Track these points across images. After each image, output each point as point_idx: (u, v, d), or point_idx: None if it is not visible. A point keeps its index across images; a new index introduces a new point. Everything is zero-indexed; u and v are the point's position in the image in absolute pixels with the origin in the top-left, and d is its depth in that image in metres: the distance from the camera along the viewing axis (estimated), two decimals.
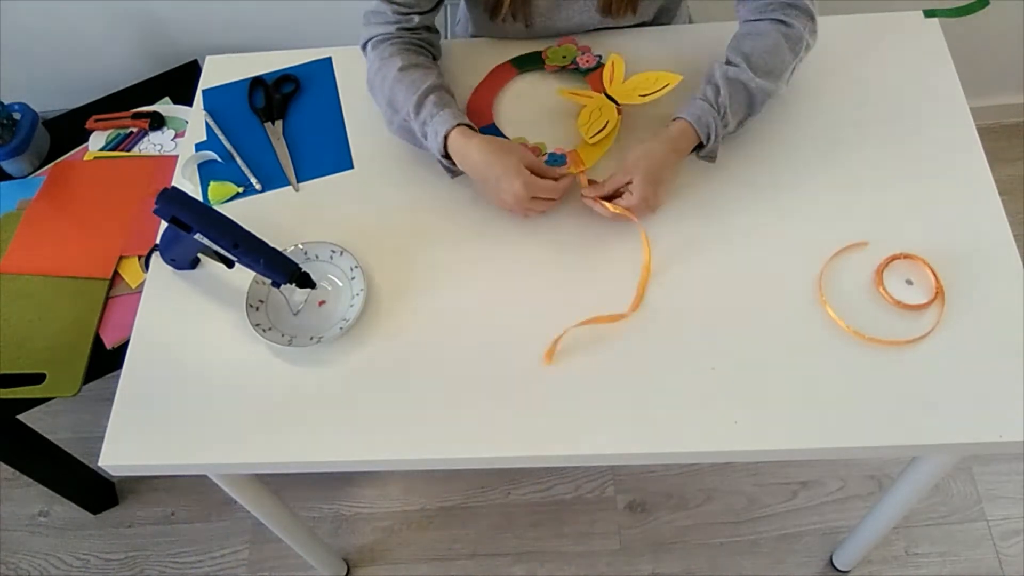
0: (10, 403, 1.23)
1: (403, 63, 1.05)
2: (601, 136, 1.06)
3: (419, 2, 1.08)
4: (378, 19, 1.09)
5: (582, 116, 1.10)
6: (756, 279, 0.97)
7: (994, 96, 1.88)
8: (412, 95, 1.03)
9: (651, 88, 1.09)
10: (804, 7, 1.02)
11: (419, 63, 1.07)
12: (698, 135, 0.99)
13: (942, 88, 1.10)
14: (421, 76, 1.05)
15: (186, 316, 1.03)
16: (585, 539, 1.56)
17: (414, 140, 1.06)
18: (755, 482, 1.59)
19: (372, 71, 1.09)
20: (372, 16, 1.10)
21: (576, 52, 1.17)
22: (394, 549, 1.59)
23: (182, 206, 0.95)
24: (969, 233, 0.98)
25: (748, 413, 0.88)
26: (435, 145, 1.01)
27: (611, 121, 1.08)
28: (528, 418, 0.90)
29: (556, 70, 1.17)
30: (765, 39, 1.01)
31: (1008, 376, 0.88)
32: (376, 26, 1.09)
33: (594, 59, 1.15)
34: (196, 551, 1.62)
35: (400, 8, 1.07)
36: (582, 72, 1.16)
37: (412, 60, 1.07)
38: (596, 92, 1.12)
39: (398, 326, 0.99)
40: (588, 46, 1.17)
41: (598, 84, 1.13)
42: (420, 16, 1.09)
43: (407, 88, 1.04)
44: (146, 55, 1.66)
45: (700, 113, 0.99)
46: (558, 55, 1.17)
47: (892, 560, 1.48)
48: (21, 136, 1.42)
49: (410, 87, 1.03)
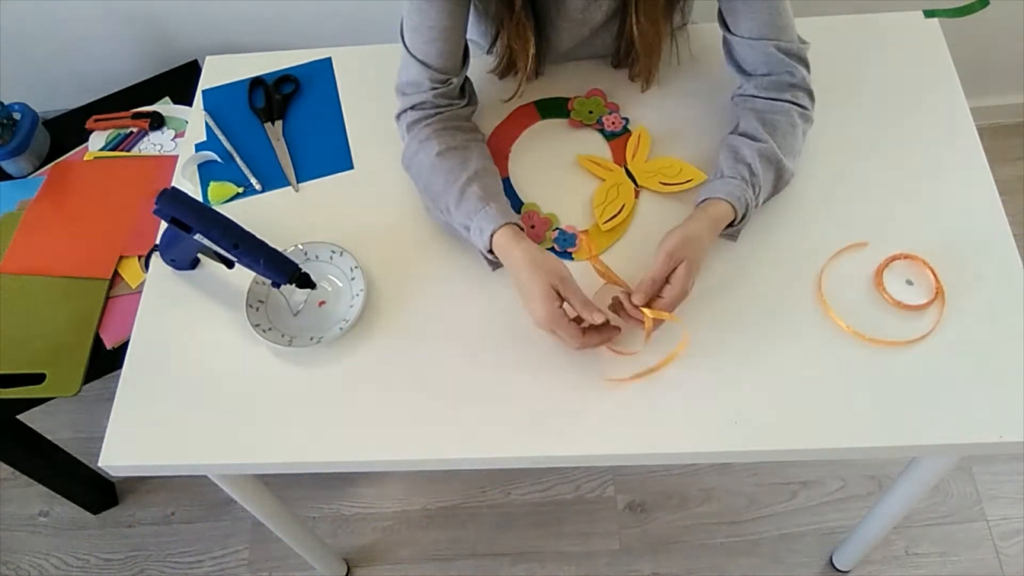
0: (10, 403, 1.23)
1: (440, 148, 1.00)
2: (614, 223, 1.02)
3: (455, 65, 1.02)
4: (414, 89, 1.03)
5: (598, 195, 1.05)
6: (756, 279, 0.97)
7: (994, 96, 1.88)
8: (452, 184, 0.97)
9: (674, 178, 1.05)
10: (808, 89, 1.01)
11: (457, 145, 1.01)
12: (735, 212, 0.94)
13: (942, 88, 1.10)
14: (460, 162, 0.99)
15: (186, 316, 1.03)
16: (585, 539, 1.56)
17: (454, 232, 1.01)
18: (755, 482, 1.59)
19: (409, 153, 1.04)
20: (408, 87, 1.04)
21: (604, 110, 1.13)
22: (394, 549, 1.59)
23: (182, 206, 0.95)
24: (969, 233, 0.98)
25: (748, 413, 0.88)
26: (480, 243, 0.95)
27: (627, 205, 1.03)
28: (528, 418, 0.90)
29: (580, 126, 1.13)
30: (786, 119, 0.98)
31: (1008, 376, 0.88)
32: (413, 96, 1.03)
33: (620, 123, 1.11)
34: (196, 551, 1.62)
35: (438, 75, 1.01)
36: (606, 135, 1.11)
37: (450, 143, 1.01)
38: (617, 165, 1.08)
39: (398, 326, 0.99)
40: (616, 104, 1.13)
41: (620, 155, 1.09)
42: (456, 78, 1.04)
43: (445, 177, 0.98)
44: (146, 55, 1.66)
45: (740, 194, 0.94)
46: (584, 109, 1.13)
47: (892, 560, 1.48)
48: (21, 136, 1.42)
49: (449, 176, 0.98)
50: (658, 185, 1.06)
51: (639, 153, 1.09)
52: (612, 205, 1.04)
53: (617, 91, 1.15)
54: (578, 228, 1.04)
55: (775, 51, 0.97)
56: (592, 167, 1.09)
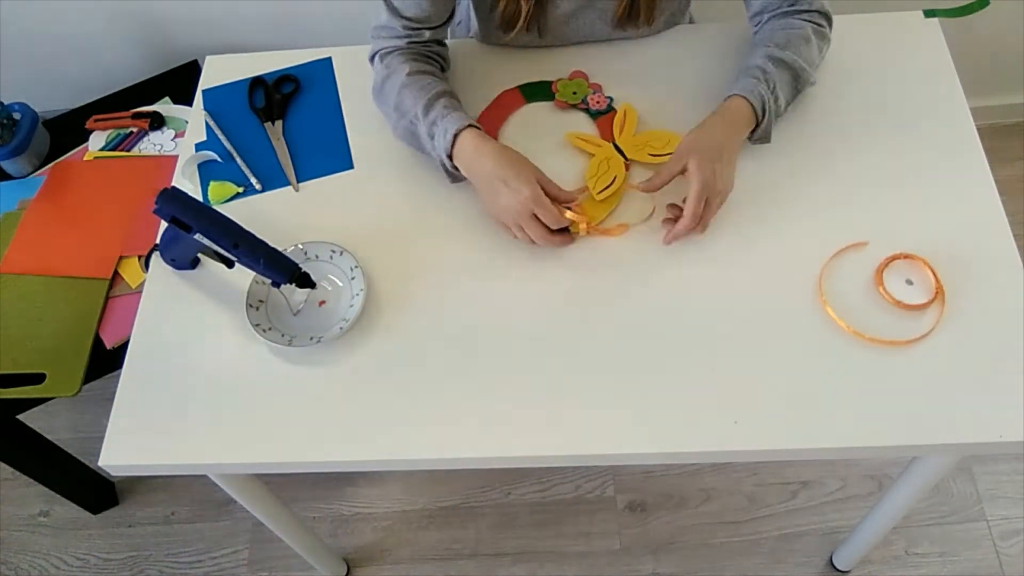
0: (10, 403, 1.23)
1: (412, 69, 1.04)
2: (608, 193, 1.03)
3: (429, 17, 1.06)
4: (387, 33, 1.07)
5: (590, 168, 1.06)
6: (756, 279, 0.97)
7: (994, 96, 1.88)
8: (422, 98, 1.02)
9: (663, 149, 1.06)
10: (826, 12, 1.04)
11: (428, 71, 1.06)
12: (753, 110, 0.97)
13: (942, 88, 1.10)
14: (431, 82, 1.04)
15: (186, 316, 1.03)
16: (585, 539, 1.56)
17: (417, 143, 1.06)
18: (755, 482, 1.59)
19: (379, 79, 1.08)
20: (381, 30, 1.08)
21: (587, 90, 1.14)
22: (394, 549, 1.59)
23: (182, 206, 0.95)
24: (969, 233, 0.98)
25: (748, 413, 0.88)
26: (442, 144, 0.99)
27: (619, 177, 1.04)
28: (528, 418, 0.90)
29: (565, 107, 1.14)
30: (798, 31, 1.02)
31: (1008, 376, 0.88)
32: (385, 40, 1.08)
33: (605, 101, 1.13)
34: (196, 551, 1.62)
35: (411, 23, 1.05)
36: (592, 114, 1.13)
37: (421, 67, 1.06)
38: (605, 140, 1.10)
39: (398, 326, 0.99)
40: (599, 84, 1.15)
41: (607, 131, 1.11)
42: (431, 31, 1.07)
43: (416, 92, 1.03)
44: (146, 55, 1.66)
45: (752, 87, 0.96)
46: (568, 90, 1.14)
47: (892, 560, 1.48)
48: (21, 136, 1.42)
49: (419, 91, 1.03)
50: (647, 157, 1.07)
51: (626, 129, 1.10)
52: (604, 177, 1.05)
53: (599, 71, 1.17)
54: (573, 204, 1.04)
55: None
56: (581, 144, 1.10)
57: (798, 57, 1.01)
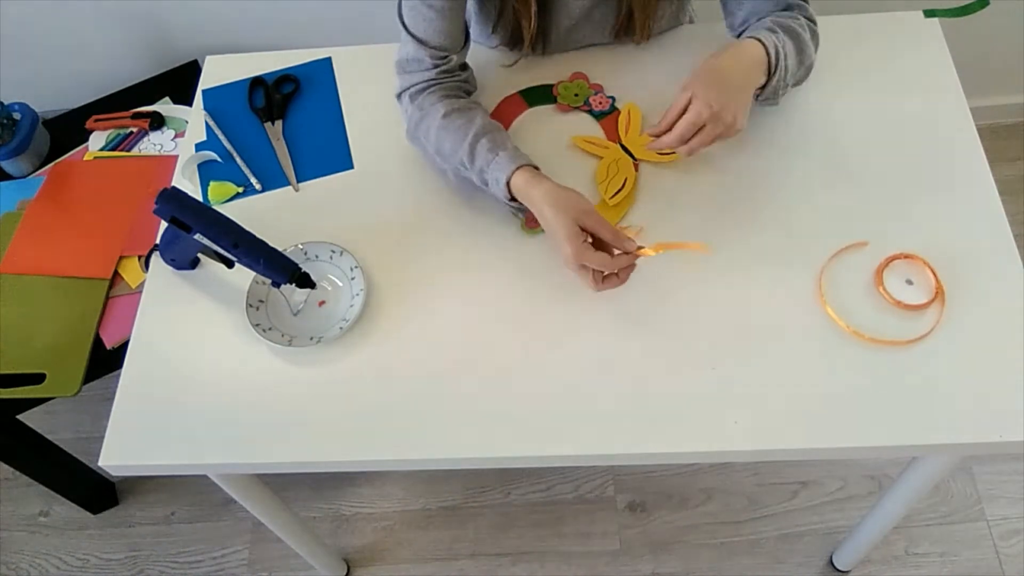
0: (10, 403, 1.23)
1: (446, 110, 1.01)
2: (620, 197, 1.03)
3: (454, 44, 1.04)
4: (416, 67, 1.04)
5: (599, 172, 1.06)
6: (756, 279, 0.97)
7: (994, 96, 1.88)
8: (461, 142, 0.98)
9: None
10: (810, 16, 1.04)
11: (461, 107, 1.03)
12: (768, 57, 0.94)
13: (942, 88, 1.10)
14: (466, 121, 1.00)
15: (186, 316, 1.03)
16: (585, 539, 1.56)
17: (474, 188, 1.03)
18: (755, 482, 1.59)
19: (413, 122, 1.05)
20: (408, 64, 1.04)
21: (589, 91, 1.14)
22: (394, 549, 1.59)
23: (182, 206, 0.95)
24: (969, 233, 0.98)
25: (748, 413, 0.88)
26: (500, 193, 0.96)
27: (629, 178, 1.04)
28: (528, 418, 0.90)
29: (568, 110, 1.13)
30: (794, 22, 1.01)
31: (1008, 376, 0.88)
32: (415, 73, 1.04)
33: (607, 101, 1.12)
34: (196, 551, 1.62)
35: (437, 52, 1.03)
36: (595, 115, 1.12)
37: (454, 105, 1.02)
38: (611, 141, 1.09)
39: (398, 326, 0.99)
40: (600, 84, 1.14)
41: (613, 132, 1.10)
42: (456, 55, 1.05)
43: (454, 136, 0.99)
44: (146, 55, 1.66)
45: (766, 36, 0.95)
46: (570, 93, 1.14)
47: (892, 560, 1.48)
48: (21, 136, 1.42)
49: (457, 134, 0.99)
50: (656, 156, 1.07)
51: (631, 128, 1.10)
52: (615, 180, 1.05)
53: (600, 72, 1.16)
54: None
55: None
56: (588, 147, 1.09)
57: (803, 31, 0.99)
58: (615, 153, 1.08)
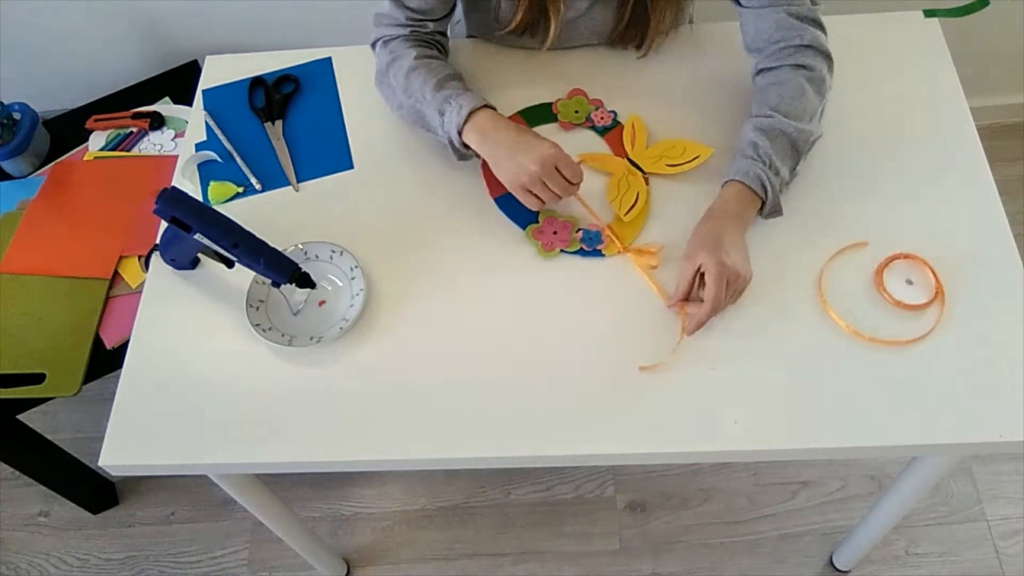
0: (10, 403, 1.23)
1: (418, 54, 1.05)
2: (634, 213, 1.02)
3: (432, 9, 1.06)
4: (390, 21, 1.08)
5: (610, 190, 1.05)
6: (756, 279, 0.97)
7: (994, 96, 1.88)
8: (431, 78, 1.02)
9: (679, 159, 1.05)
10: (821, 48, 1.00)
11: (434, 55, 1.07)
12: (755, 192, 0.94)
13: (942, 88, 1.10)
14: (441, 65, 1.05)
15: (186, 316, 1.03)
16: (585, 539, 1.56)
17: (422, 122, 1.06)
18: (755, 482, 1.59)
19: (383, 63, 1.08)
20: (384, 18, 1.09)
21: (589, 107, 1.13)
22: (394, 549, 1.59)
23: (182, 206, 0.95)
24: (969, 233, 0.98)
25: (748, 413, 0.88)
26: (454, 120, 0.99)
27: (641, 193, 1.04)
28: (528, 418, 0.90)
29: (570, 127, 1.12)
30: (789, 86, 0.98)
31: (1008, 376, 0.88)
32: (387, 27, 1.08)
33: (609, 116, 1.11)
34: (196, 551, 1.62)
35: (413, 14, 1.06)
36: (598, 131, 1.11)
37: (427, 52, 1.07)
38: (618, 157, 1.08)
39: (398, 326, 0.99)
40: (600, 100, 1.13)
41: (619, 147, 1.09)
42: (434, 23, 1.07)
43: (426, 73, 1.03)
44: (146, 55, 1.66)
45: (747, 168, 0.94)
46: (570, 110, 1.13)
47: (892, 560, 1.48)
48: (21, 136, 1.42)
49: (429, 72, 1.03)
50: (665, 168, 1.06)
51: (638, 141, 1.09)
52: (627, 197, 1.04)
53: (598, 86, 1.15)
54: (600, 224, 1.03)
55: (785, 16, 0.98)
56: (597, 164, 1.08)
57: (790, 120, 0.96)
58: (624, 168, 1.07)
